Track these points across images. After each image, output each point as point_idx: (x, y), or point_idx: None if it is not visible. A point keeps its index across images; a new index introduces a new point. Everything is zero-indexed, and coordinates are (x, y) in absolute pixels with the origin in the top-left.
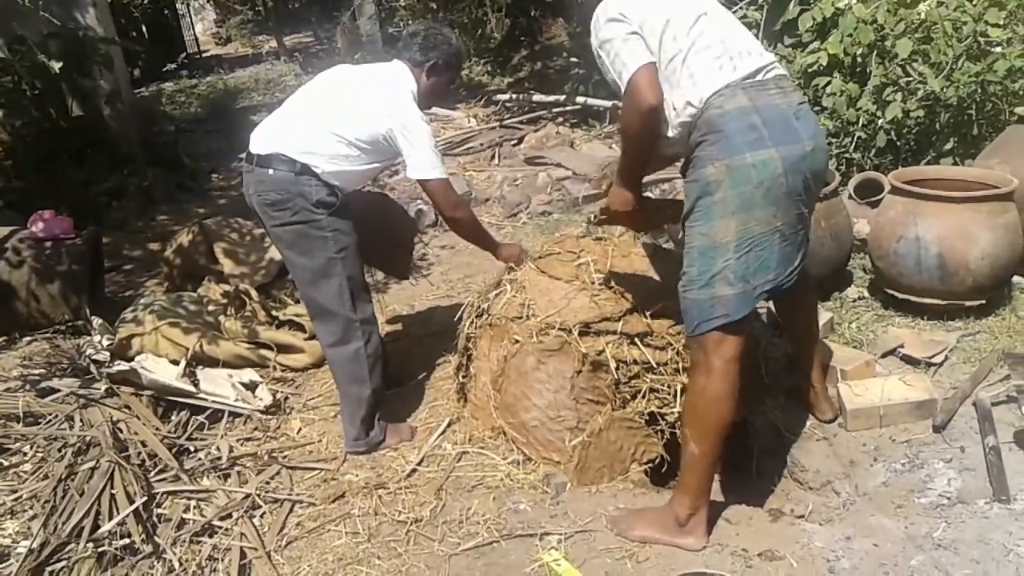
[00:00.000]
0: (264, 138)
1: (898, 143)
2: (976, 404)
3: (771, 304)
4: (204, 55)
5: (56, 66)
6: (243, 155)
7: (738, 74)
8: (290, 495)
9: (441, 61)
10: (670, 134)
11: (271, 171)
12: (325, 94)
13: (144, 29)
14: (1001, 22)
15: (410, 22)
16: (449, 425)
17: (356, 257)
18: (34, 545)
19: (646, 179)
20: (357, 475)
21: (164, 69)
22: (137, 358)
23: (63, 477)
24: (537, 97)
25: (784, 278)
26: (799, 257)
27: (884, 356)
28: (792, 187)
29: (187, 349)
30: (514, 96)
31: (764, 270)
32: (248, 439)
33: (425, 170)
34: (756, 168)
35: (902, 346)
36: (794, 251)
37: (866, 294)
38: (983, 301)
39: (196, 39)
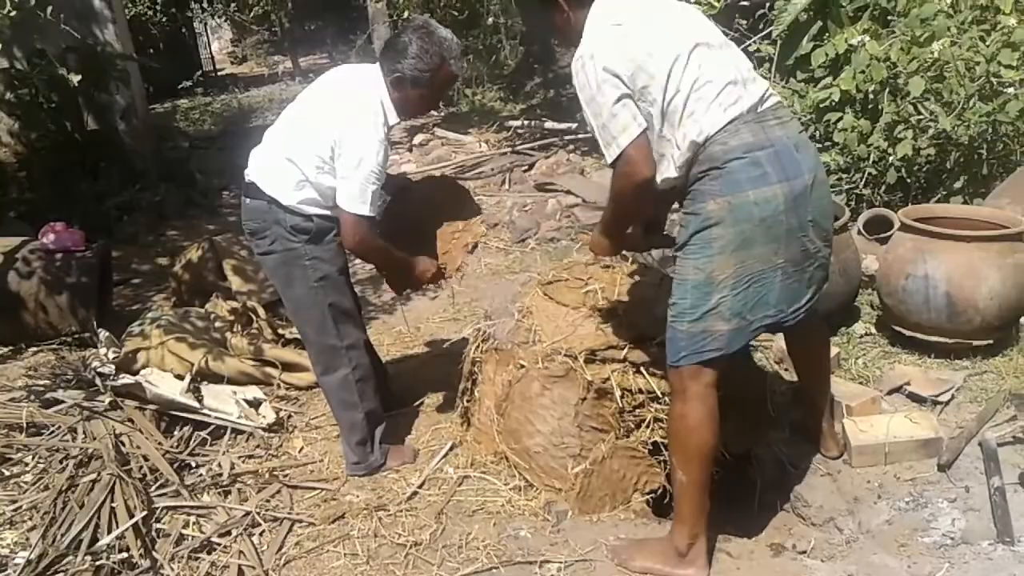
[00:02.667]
0: (251, 162)
1: (908, 180)
2: (982, 444)
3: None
4: (219, 73)
5: (75, 79)
6: None
7: (739, 108)
8: (290, 514)
9: (408, 75)
10: (673, 174)
11: (248, 200)
12: (299, 107)
13: (161, 46)
14: (1014, 63)
15: None
16: (451, 448)
17: (339, 284)
18: (32, 556)
19: None
20: (358, 496)
21: (179, 86)
22: (142, 372)
23: (64, 489)
24: (549, 124)
25: (787, 315)
26: (808, 294)
27: (890, 393)
28: (794, 223)
29: (192, 364)
30: (526, 122)
31: (763, 306)
32: (250, 456)
33: (348, 201)
34: (759, 205)
35: (908, 384)
36: (800, 288)
37: (873, 330)
38: (991, 341)
39: (212, 57)
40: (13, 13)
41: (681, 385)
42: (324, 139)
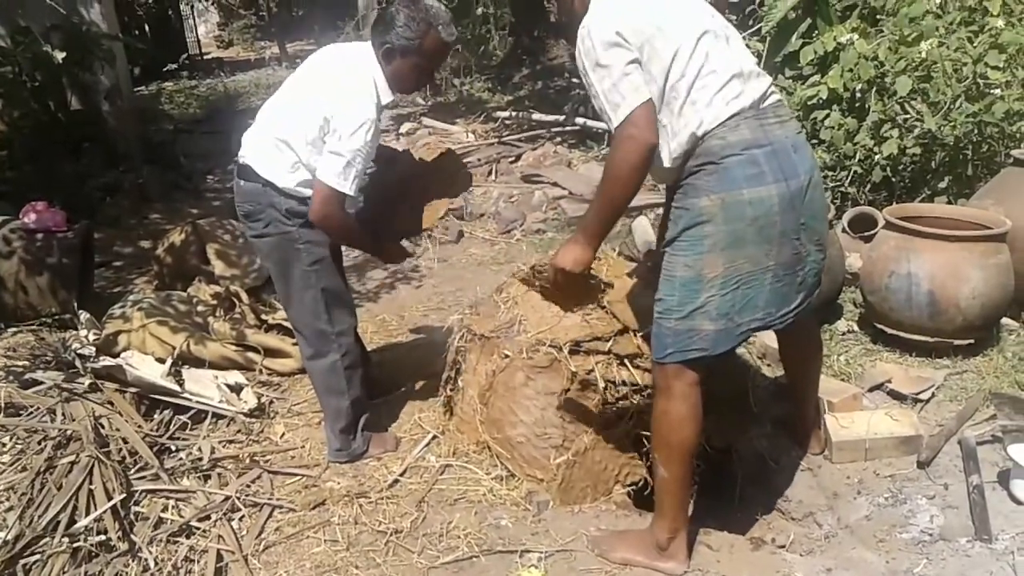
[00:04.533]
0: (244, 143)
1: (893, 179)
2: (961, 442)
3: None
4: (205, 57)
5: (59, 56)
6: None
7: (741, 103)
8: (270, 500)
9: (397, 45)
10: (666, 164)
11: (242, 183)
12: (290, 88)
13: (147, 28)
14: (1001, 65)
15: None
16: (434, 438)
17: (332, 268)
18: (9, 537)
19: (640, 203)
20: (339, 483)
21: (165, 69)
22: (123, 354)
23: (42, 470)
24: (536, 116)
25: (775, 318)
26: (799, 298)
27: (871, 390)
28: (787, 225)
29: (174, 348)
30: (513, 114)
31: (751, 308)
32: (231, 441)
33: (329, 174)
34: (752, 205)
35: (889, 381)
36: (791, 291)
37: (856, 328)
38: (972, 341)
39: (198, 41)
40: None
41: (665, 382)
42: (315, 119)
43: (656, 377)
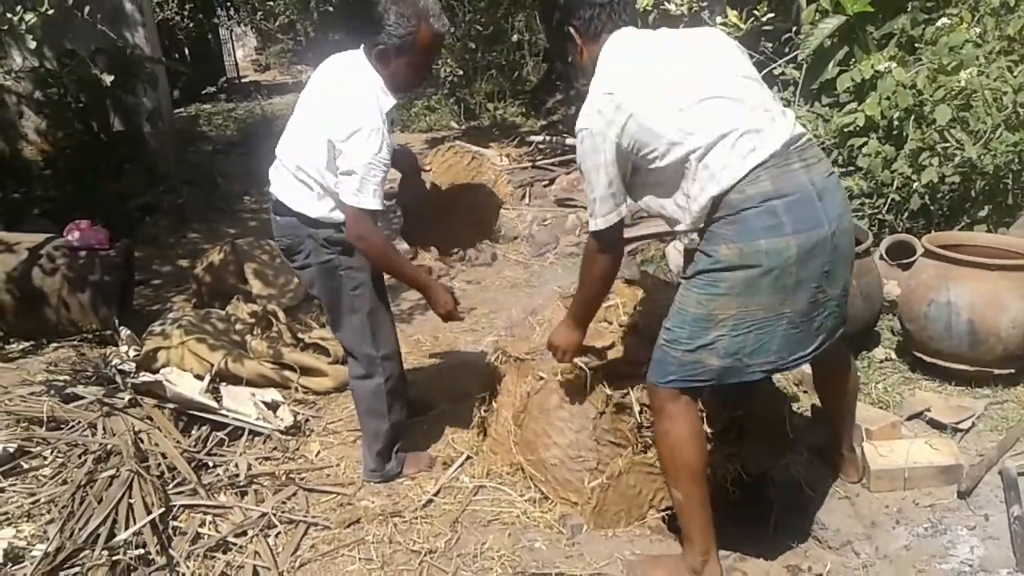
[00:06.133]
0: (271, 178)
1: (932, 207)
2: (1002, 472)
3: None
4: (243, 80)
5: (108, 79)
6: None
7: (759, 156)
8: (306, 517)
9: (391, 45)
10: (681, 228)
11: (278, 218)
12: (297, 118)
13: (187, 51)
14: None
15: (449, 61)
16: (468, 458)
17: (374, 293)
18: (49, 549)
19: (641, 233)
20: (373, 502)
21: (204, 91)
22: (162, 371)
23: (82, 483)
24: (570, 140)
25: (788, 362)
26: (815, 343)
27: (910, 419)
28: (804, 275)
29: (212, 365)
30: (547, 138)
31: (763, 352)
32: (267, 458)
33: (349, 195)
34: (768, 255)
35: (929, 410)
36: (806, 337)
37: (894, 356)
38: (1012, 370)
39: (236, 64)
40: (51, 11)
41: (660, 404)
42: (321, 143)
43: (651, 399)
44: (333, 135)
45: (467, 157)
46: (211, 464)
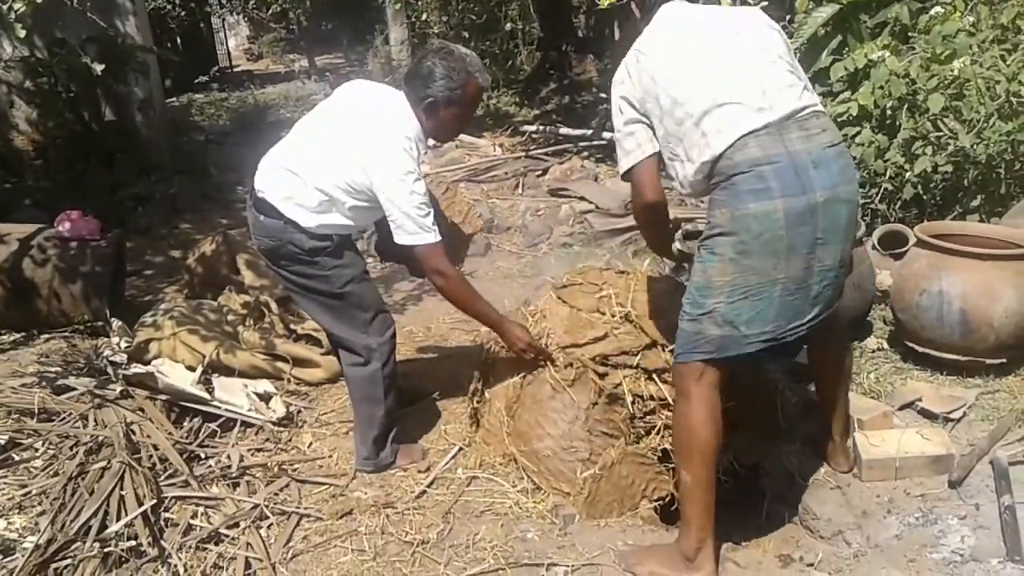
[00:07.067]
0: (263, 174)
1: (924, 197)
2: (993, 462)
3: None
4: (235, 70)
5: (99, 68)
6: None
7: (750, 124)
8: (298, 508)
9: (441, 97)
10: (686, 190)
11: (262, 217)
12: (320, 131)
13: (179, 40)
14: None
15: None
16: (460, 449)
17: (363, 284)
18: (40, 541)
19: (684, 217)
20: (366, 493)
21: (196, 81)
22: (154, 362)
23: (73, 475)
24: (564, 130)
25: (786, 331)
26: (812, 312)
27: (902, 409)
28: (795, 240)
29: (204, 356)
30: (541, 128)
31: (759, 321)
32: (259, 450)
33: (406, 236)
34: (757, 219)
35: (920, 399)
36: (803, 305)
37: (886, 345)
38: (1004, 360)
39: (228, 53)
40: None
41: (683, 384)
42: (355, 174)
43: (675, 379)
44: (372, 174)
45: (442, 187)
46: (203, 455)
